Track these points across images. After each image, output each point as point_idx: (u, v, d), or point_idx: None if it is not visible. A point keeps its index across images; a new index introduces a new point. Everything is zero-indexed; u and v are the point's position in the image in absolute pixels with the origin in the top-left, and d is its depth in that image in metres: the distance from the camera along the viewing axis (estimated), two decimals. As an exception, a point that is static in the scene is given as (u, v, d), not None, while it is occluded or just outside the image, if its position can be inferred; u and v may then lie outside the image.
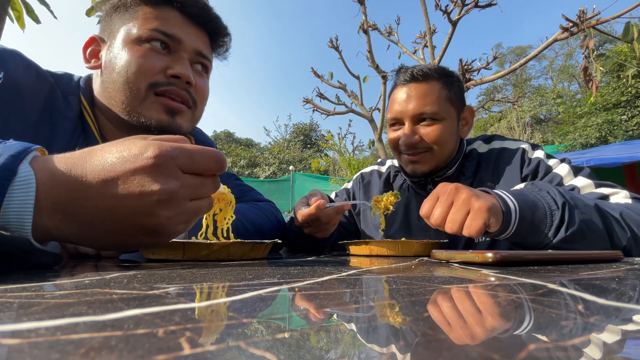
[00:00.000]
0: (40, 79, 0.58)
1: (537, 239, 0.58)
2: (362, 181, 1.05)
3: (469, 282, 0.27)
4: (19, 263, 0.31)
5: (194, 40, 0.65)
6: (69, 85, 0.64)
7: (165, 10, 0.62)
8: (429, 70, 0.82)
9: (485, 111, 13.02)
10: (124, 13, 0.62)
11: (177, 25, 0.63)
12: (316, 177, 8.38)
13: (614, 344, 0.13)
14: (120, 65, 0.59)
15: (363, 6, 5.22)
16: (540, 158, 0.79)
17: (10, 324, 0.13)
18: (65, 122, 0.59)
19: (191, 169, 0.36)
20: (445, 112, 0.81)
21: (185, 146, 0.36)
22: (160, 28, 0.60)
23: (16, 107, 0.53)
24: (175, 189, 0.34)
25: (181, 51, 0.63)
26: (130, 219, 0.34)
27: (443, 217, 0.57)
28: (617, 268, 0.37)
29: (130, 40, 0.60)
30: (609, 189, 0.71)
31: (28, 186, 0.31)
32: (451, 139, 0.83)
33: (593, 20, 3.54)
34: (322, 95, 6.34)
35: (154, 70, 0.60)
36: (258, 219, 0.76)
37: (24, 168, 0.31)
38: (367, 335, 0.14)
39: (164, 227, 0.35)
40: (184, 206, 0.36)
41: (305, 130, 22.63)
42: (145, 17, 0.61)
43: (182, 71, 0.61)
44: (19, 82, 0.54)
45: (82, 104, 0.63)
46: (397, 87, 0.85)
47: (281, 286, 0.24)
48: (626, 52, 9.13)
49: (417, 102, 0.81)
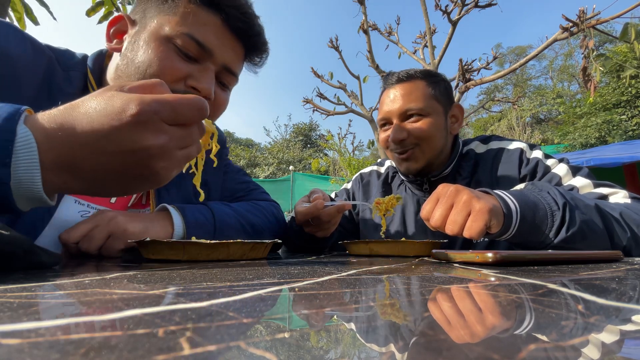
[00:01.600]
0: (36, 52, 0.54)
1: (538, 240, 0.58)
2: (361, 181, 1.06)
3: (469, 282, 0.27)
4: (20, 263, 0.31)
5: (227, 54, 0.60)
6: (71, 60, 0.60)
7: (207, 13, 0.57)
8: (414, 72, 0.86)
9: (485, 111, 13.02)
10: (164, 2, 0.57)
11: (214, 34, 0.58)
12: (316, 177, 8.38)
13: (613, 343, 0.13)
14: (140, 60, 0.55)
15: (363, 6, 5.22)
16: (538, 158, 0.79)
17: (10, 324, 0.13)
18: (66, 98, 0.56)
19: (175, 121, 0.36)
20: (431, 108, 0.83)
21: (165, 98, 0.35)
22: (194, 34, 0.56)
23: (9, 80, 0.50)
24: (164, 143, 0.35)
25: (209, 62, 0.58)
26: (128, 170, 0.36)
27: (443, 218, 0.56)
28: (617, 268, 0.37)
29: (160, 35, 0.55)
30: (608, 188, 0.71)
31: (29, 146, 0.32)
32: (439, 134, 0.84)
33: (593, 20, 3.54)
34: (322, 95, 6.34)
35: (174, 77, 0.56)
36: (257, 220, 0.76)
37: (21, 129, 0.32)
38: (367, 335, 0.14)
39: (159, 175, 0.37)
40: (175, 155, 0.38)
41: (305, 130, 22.64)
42: (183, 15, 0.56)
43: (204, 86, 0.57)
44: (12, 54, 0.50)
45: (89, 81, 0.59)
46: (385, 91, 0.89)
47: (281, 286, 0.24)
48: (626, 52, 9.13)
49: (402, 100, 0.84)
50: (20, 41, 0.53)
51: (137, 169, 0.36)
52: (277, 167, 17.99)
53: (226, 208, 0.71)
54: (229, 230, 0.67)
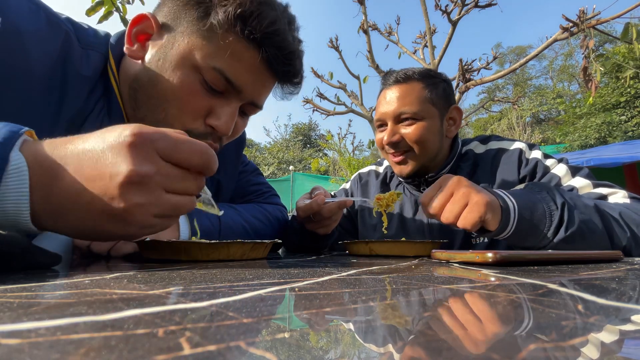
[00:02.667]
0: (52, 26, 0.48)
1: (536, 239, 0.58)
2: (359, 181, 1.06)
3: (469, 282, 0.27)
4: (18, 263, 0.30)
5: (257, 91, 0.55)
6: (94, 38, 0.54)
7: (245, 48, 0.51)
8: (412, 73, 0.85)
9: (485, 111, 13.03)
10: (199, 21, 0.50)
11: (248, 72, 0.52)
12: (316, 177, 8.38)
13: (613, 343, 0.13)
14: (164, 86, 0.51)
15: (363, 6, 5.22)
16: (537, 158, 0.79)
17: (10, 324, 0.13)
18: (79, 81, 0.50)
19: (171, 157, 0.33)
20: (425, 112, 0.82)
21: (170, 132, 0.33)
22: (225, 71, 0.51)
23: (19, 58, 0.44)
24: (147, 173, 0.31)
25: (235, 99, 0.54)
26: (96, 202, 0.31)
27: (441, 207, 0.58)
28: (617, 268, 0.37)
29: (190, 63, 0.50)
30: (608, 188, 0.71)
31: (21, 173, 0.30)
32: (433, 138, 0.83)
33: (593, 20, 3.54)
34: (322, 95, 6.34)
35: (196, 112, 0.52)
36: (262, 226, 0.75)
37: (15, 155, 0.30)
38: (367, 335, 0.14)
39: (131, 214, 0.32)
40: (158, 196, 0.33)
41: (305, 130, 22.63)
42: (218, 46, 0.50)
43: (223, 126, 0.53)
44: (22, 28, 0.45)
45: (109, 63, 0.53)
46: (382, 91, 0.88)
47: (281, 286, 0.24)
48: (624, 52, 9.13)
49: (397, 102, 0.83)
50: (34, 14, 0.47)
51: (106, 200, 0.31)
52: (278, 167, 17.99)
53: (232, 212, 0.70)
54: (233, 236, 0.67)
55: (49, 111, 0.48)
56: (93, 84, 0.52)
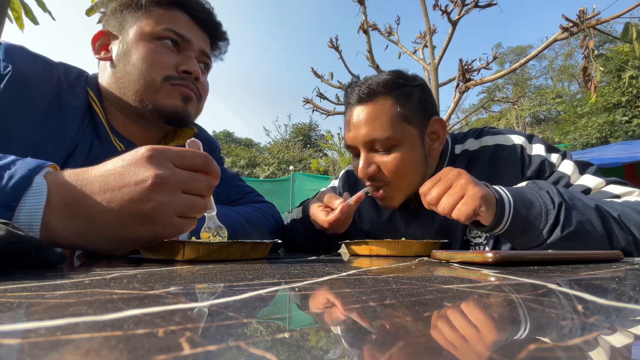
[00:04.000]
0: (47, 71, 0.61)
1: (530, 237, 0.58)
2: (347, 180, 0.99)
3: (469, 282, 0.27)
4: (31, 261, 0.32)
5: (200, 41, 0.71)
6: (77, 79, 0.67)
7: (175, 13, 0.68)
8: (376, 87, 0.71)
9: (485, 111, 13.02)
10: (137, 11, 0.66)
11: (186, 27, 0.68)
12: (316, 177, 8.38)
13: (613, 343, 0.13)
14: (135, 58, 0.64)
15: (363, 6, 5.22)
16: (542, 156, 0.72)
17: (10, 324, 0.13)
18: (74, 112, 0.62)
19: (181, 163, 0.41)
20: (401, 135, 0.71)
21: (174, 147, 0.41)
22: (173, 28, 0.66)
23: (26, 99, 0.56)
24: (166, 174, 0.38)
25: (189, 50, 0.68)
26: (127, 206, 0.37)
27: (438, 198, 0.58)
28: (617, 268, 0.37)
29: (144, 37, 0.65)
30: (622, 187, 0.68)
31: (41, 192, 0.35)
32: (416, 166, 0.73)
33: (593, 20, 3.54)
34: (322, 95, 6.34)
35: (168, 65, 0.65)
36: (257, 220, 0.77)
37: (38, 179, 0.36)
38: (367, 335, 0.14)
39: (159, 212, 0.38)
40: (177, 195, 0.40)
41: (304, 130, 22.62)
42: (158, 17, 0.66)
43: (193, 68, 0.67)
44: (28, 74, 0.57)
45: (90, 96, 0.66)
46: (347, 110, 0.76)
47: (281, 286, 0.24)
48: (627, 52, 9.11)
49: (365, 127, 0.71)
50: (33, 62, 0.59)
51: (136, 203, 0.37)
52: (278, 167, 17.98)
53: (227, 210, 0.72)
54: (231, 231, 0.67)
55: (54, 133, 0.60)
56: (83, 113, 0.64)
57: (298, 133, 22.76)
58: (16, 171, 0.35)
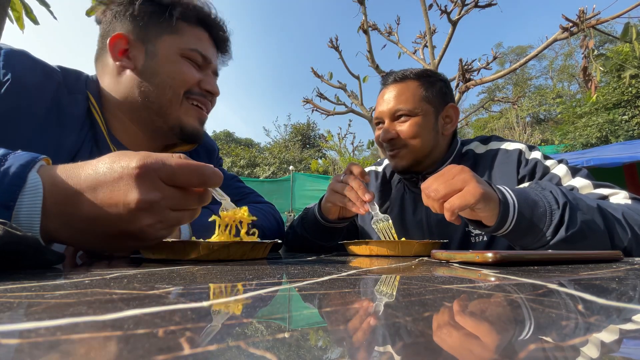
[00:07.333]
0: (47, 78, 0.60)
1: (535, 238, 0.58)
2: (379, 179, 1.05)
3: (469, 282, 0.27)
4: (29, 261, 0.32)
5: (215, 61, 0.75)
6: (76, 83, 0.66)
7: (200, 32, 0.71)
8: (409, 73, 0.89)
9: (485, 111, 13.03)
10: (162, 23, 0.66)
11: (208, 46, 0.72)
12: (316, 177, 8.38)
13: (613, 343, 0.13)
14: (164, 72, 0.66)
15: (363, 6, 5.22)
16: (537, 159, 0.80)
17: (10, 324, 0.13)
18: (73, 119, 0.62)
19: (173, 182, 0.38)
20: (420, 109, 0.86)
21: (168, 160, 0.38)
22: (200, 50, 0.69)
23: (25, 107, 0.56)
24: (155, 199, 0.37)
25: (208, 69, 0.73)
26: (114, 225, 0.37)
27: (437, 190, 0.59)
28: (617, 268, 0.37)
29: (174, 52, 0.67)
30: (609, 189, 0.71)
31: (36, 192, 0.35)
32: (427, 134, 0.86)
33: (593, 20, 3.54)
34: (322, 95, 6.34)
35: (192, 82, 0.68)
36: (259, 221, 0.77)
37: (32, 176, 0.35)
38: (367, 336, 0.14)
39: (145, 233, 0.38)
40: (165, 215, 0.39)
41: (303, 129, 22.61)
42: (185, 34, 0.68)
43: (214, 89, 0.72)
44: (26, 82, 0.57)
45: (90, 102, 0.66)
46: (381, 90, 0.93)
47: (281, 286, 0.24)
48: (627, 51, 9.10)
49: (394, 100, 0.87)
50: (33, 69, 0.59)
51: (122, 223, 0.37)
52: (278, 167, 17.98)
53: None
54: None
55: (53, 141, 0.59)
56: (82, 121, 0.64)
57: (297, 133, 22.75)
58: (9, 168, 0.35)
